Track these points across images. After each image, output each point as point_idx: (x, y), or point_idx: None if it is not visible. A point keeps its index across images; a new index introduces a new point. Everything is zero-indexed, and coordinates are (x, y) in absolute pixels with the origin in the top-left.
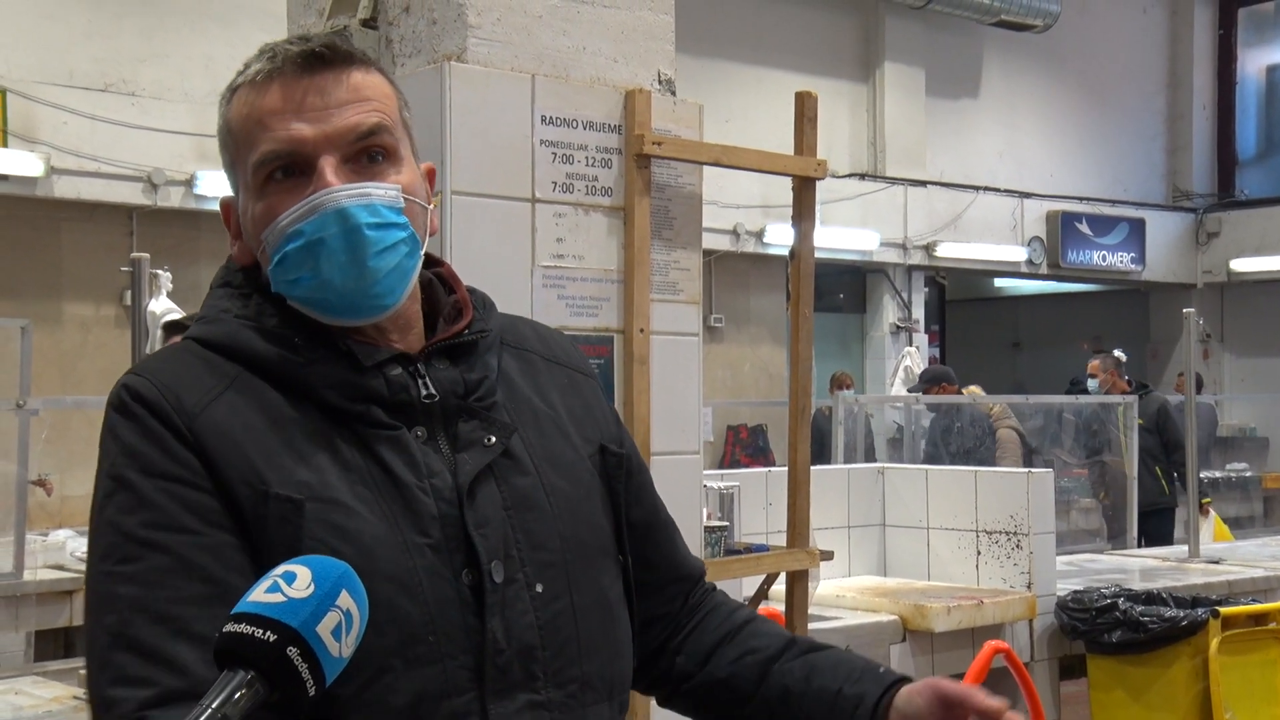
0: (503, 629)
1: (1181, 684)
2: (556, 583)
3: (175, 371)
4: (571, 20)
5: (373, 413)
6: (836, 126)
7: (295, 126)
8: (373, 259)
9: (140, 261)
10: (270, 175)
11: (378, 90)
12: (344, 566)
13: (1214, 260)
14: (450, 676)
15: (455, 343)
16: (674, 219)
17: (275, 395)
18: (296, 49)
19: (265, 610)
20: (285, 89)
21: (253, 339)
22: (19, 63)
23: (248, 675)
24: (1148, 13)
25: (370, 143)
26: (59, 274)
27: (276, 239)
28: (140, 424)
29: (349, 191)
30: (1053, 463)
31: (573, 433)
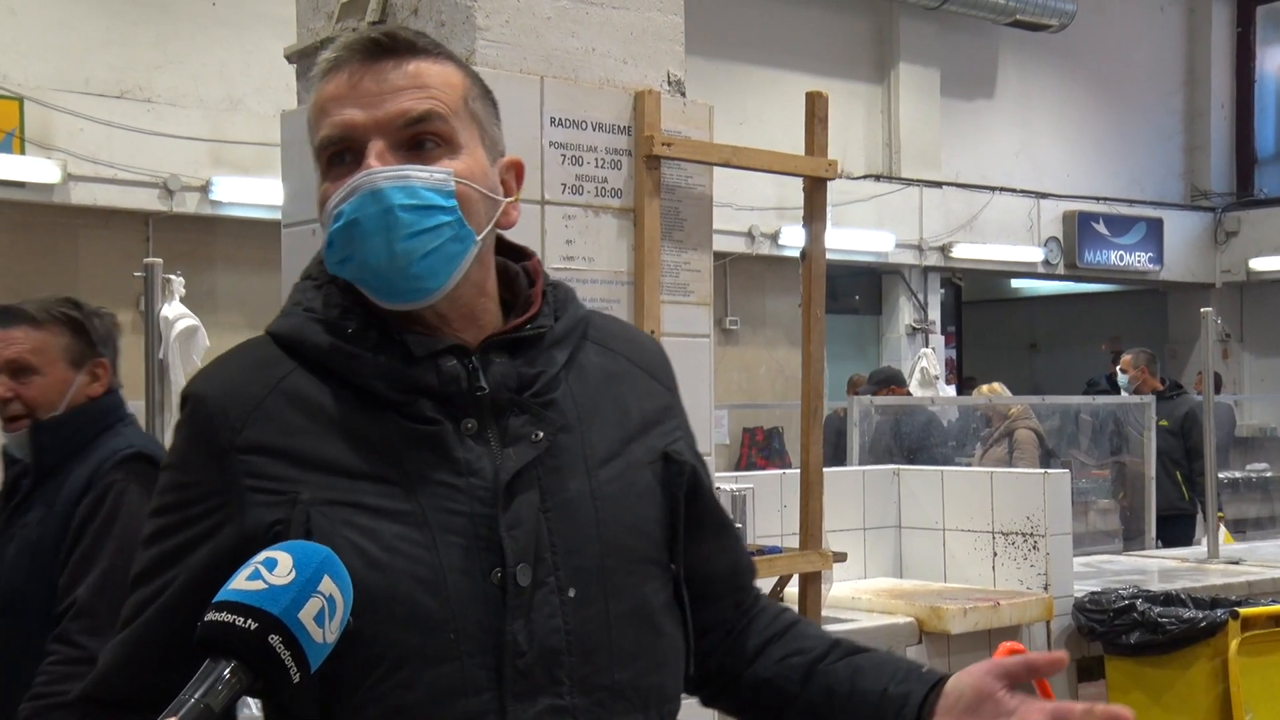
0: (525, 631)
1: (1201, 685)
2: (591, 588)
3: (229, 380)
4: (580, 22)
5: (418, 405)
6: (851, 128)
7: (349, 112)
8: (403, 240)
9: (153, 267)
10: (330, 160)
11: (439, 78)
12: (325, 551)
13: (1233, 260)
14: (469, 675)
15: (517, 336)
16: (684, 220)
17: (323, 390)
18: (359, 38)
19: (246, 598)
20: (348, 78)
21: (314, 331)
22: (36, 71)
23: (230, 664)
24: (1165, 11)
25: (421, 129)
26: (76, 280)
27: (326, 221)
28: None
29: (387, 174)
30: (1070, 464)
31: (638, 437)
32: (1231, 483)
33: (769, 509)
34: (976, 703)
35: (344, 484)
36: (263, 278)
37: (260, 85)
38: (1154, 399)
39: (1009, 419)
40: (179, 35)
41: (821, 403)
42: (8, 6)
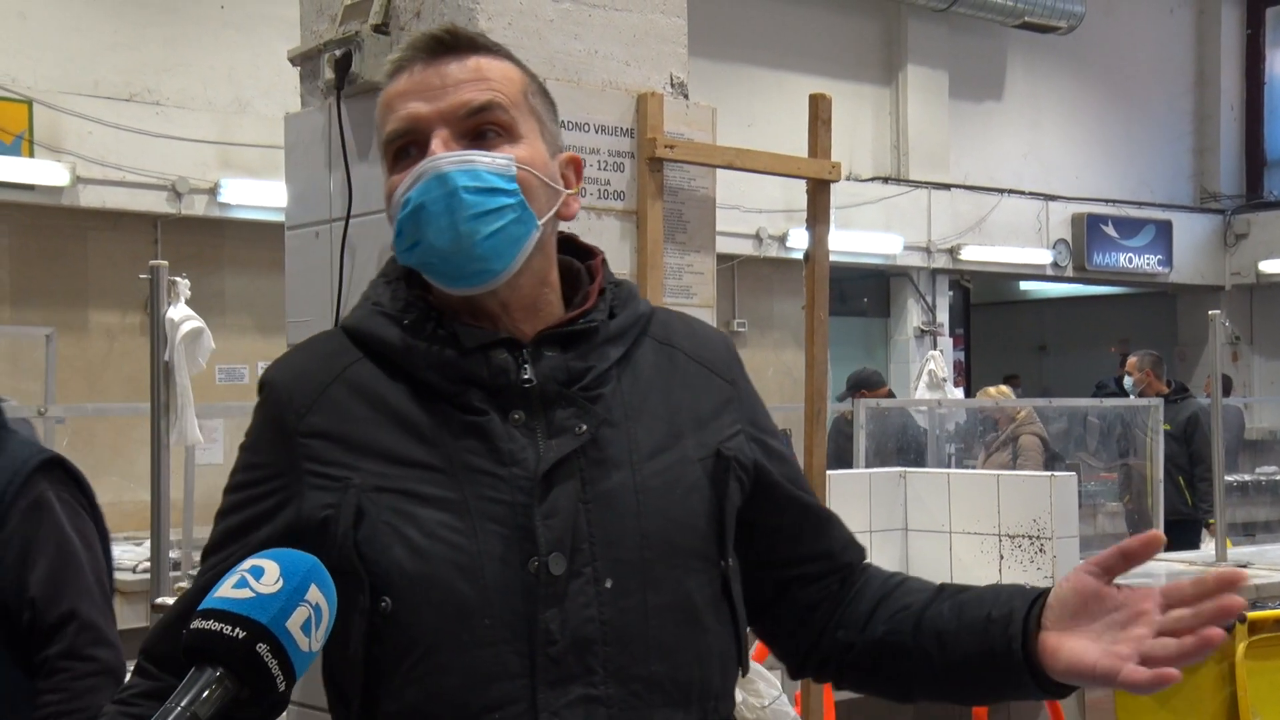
0: (559, 620)
1: (1208, 689)
2: (629, 580)
3: (297, 368)
4: (583, 24)
5: (468, 395)
6: (860, 130)
7: (413, 105)
8: (468, 221)
9: (158, 269)
10: (398, 154)
11: (499, 72)
12: (312, 560)
13: (1242, 262)
14: (502, 660)
15: (570, 330)
16: (687, 222)
17: (383, 380)
18: (424, 38)
19: (233, 606)
20: (411, 74)
21: (378, 324)
22: (44, 74)
23: (216, 672)
24: (1174, 13)
25: (483, 119)
26: (85, 283)
27: (394, 211)
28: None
29: (451, 158)
30: (1078, 466)
31: (690, 433)
32: (1241, 486)
33: None
34: (1080, 604)
35: (395, 471)
36: (271, 280)
37: (269, 88)
38: (1161, 402)
39: (1015, 423)
40: (187, 38)
41: (825, 405)
42: (17, 10)
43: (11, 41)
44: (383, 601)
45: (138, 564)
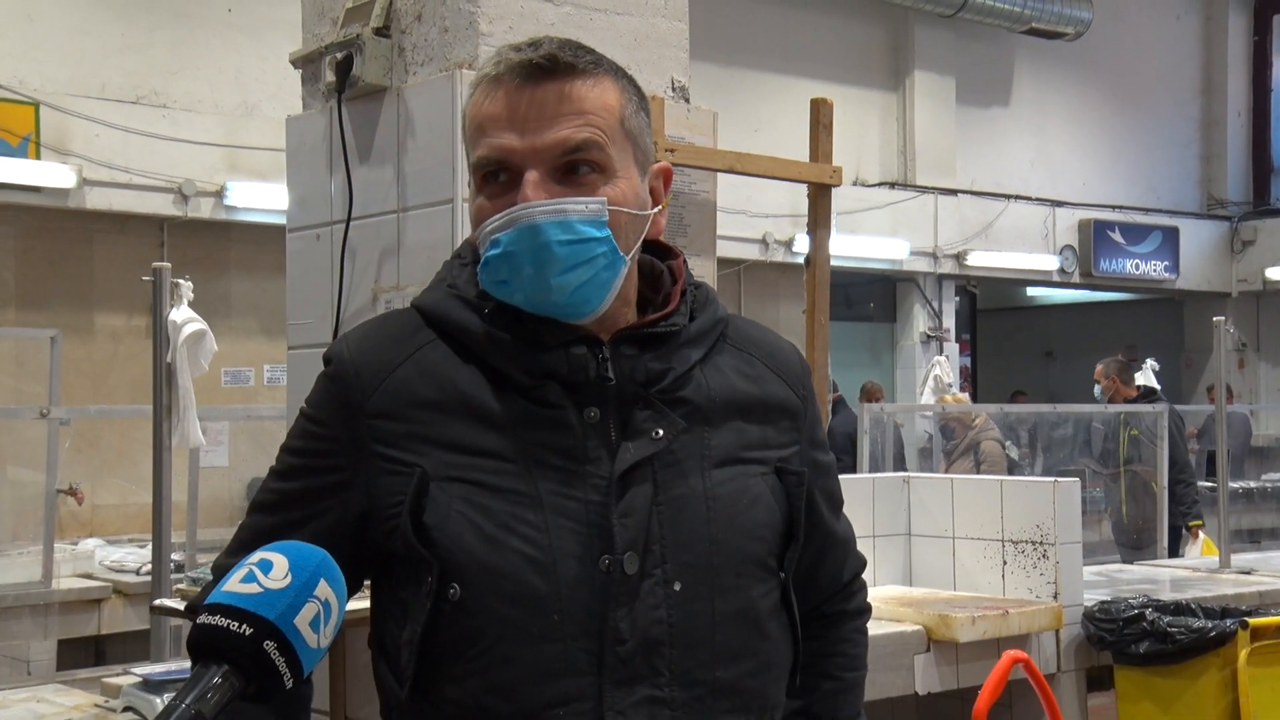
0: (629, 620)
1: (1211, 695)
2: (698, 584)
3: (367, 345)
4: (584, 28)
5: (547, 389)
6: (867, 135)
7: (506, 137)
8: (559, 275)
9: (162, 272)
10: (486, 177)
11: (598, 102)
12: (321, 554)
13: (1249, 269)
14: (570, 657)
15: (650, 332)
16: (688, 226)
17: (456, 365)
18: (519, 58)
19: (240, 602)
20: (507, 98)
21: (453, 307)
22: (52, 76)
23: (222, 669)
24: (1181, 19)
25: (577, 158)
26: (91, 285)
27: (483, 242)
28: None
29: (544, 208)
30: (1083, 472)
31: (760, 443)
32: (1246, 492)
33: None
34: None
35: (464, 460)
36: (276, 283)
37: (275, 91)
38: (1167, 408)
39: (975, 430)
40: (194, 41)
41: (826, 409)
42: (24, 12)
43: (19, 43)
44: (451, 588)
45: (141, 566)
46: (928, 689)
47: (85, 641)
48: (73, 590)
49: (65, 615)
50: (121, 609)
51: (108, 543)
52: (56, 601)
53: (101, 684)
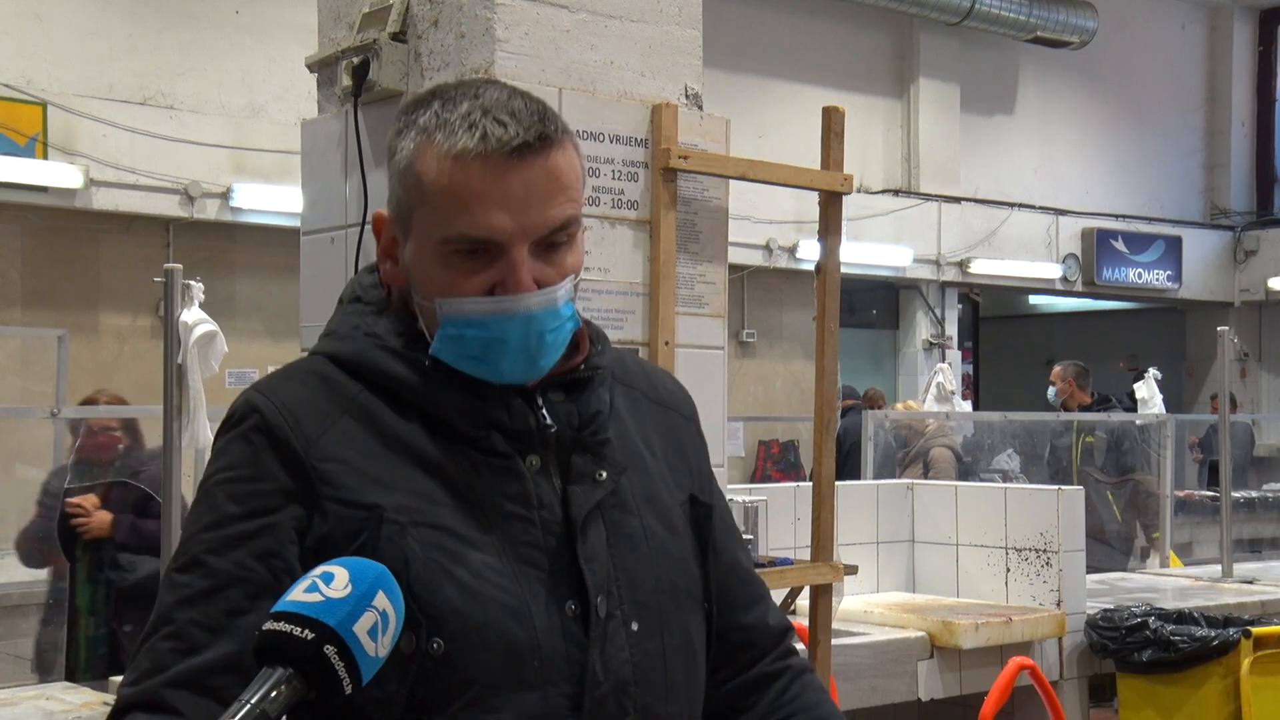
0: (601, 662)
1: (1213, 704)
2: (650, 622)
3: (298, 394)
4: (599, 34)
5: (493, 439)
6: (871, 142)
7: (496, 215)
8: (544, 358)
9: (173, 273)
10: (456, 249)
11: (572, 173)
12: (380, 568)
13: (1252, 279)
14: (550, 703)
15: (571, 378)
16: (700, 233)
17: (393, 418)
18: (507, 135)
19: (303, 609)
20: (492, 176)
21: (382, 359)
22: (59, 76)
23: (286, 672)
24: (1186, 29)
25: (559, 236)
26: (97, 285)
27: (454, 316)
28: (250, 449)
29: (539, 299)
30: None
31: (668, 477)
32: (1248, 502)
33: (783, 521)
34: None
35: (427, 508)
36: (282, 285)
37: (282, 93)
38: (1171, 418)
39: (925, 437)
40: (202, 42)
41: (835, 415)
42: (33, 12)
43: (27, 44)
44: (434, 643)
45: None
46: (930, 695)
47: None
48: None
49: None
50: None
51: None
52: None
53: (110, 683)
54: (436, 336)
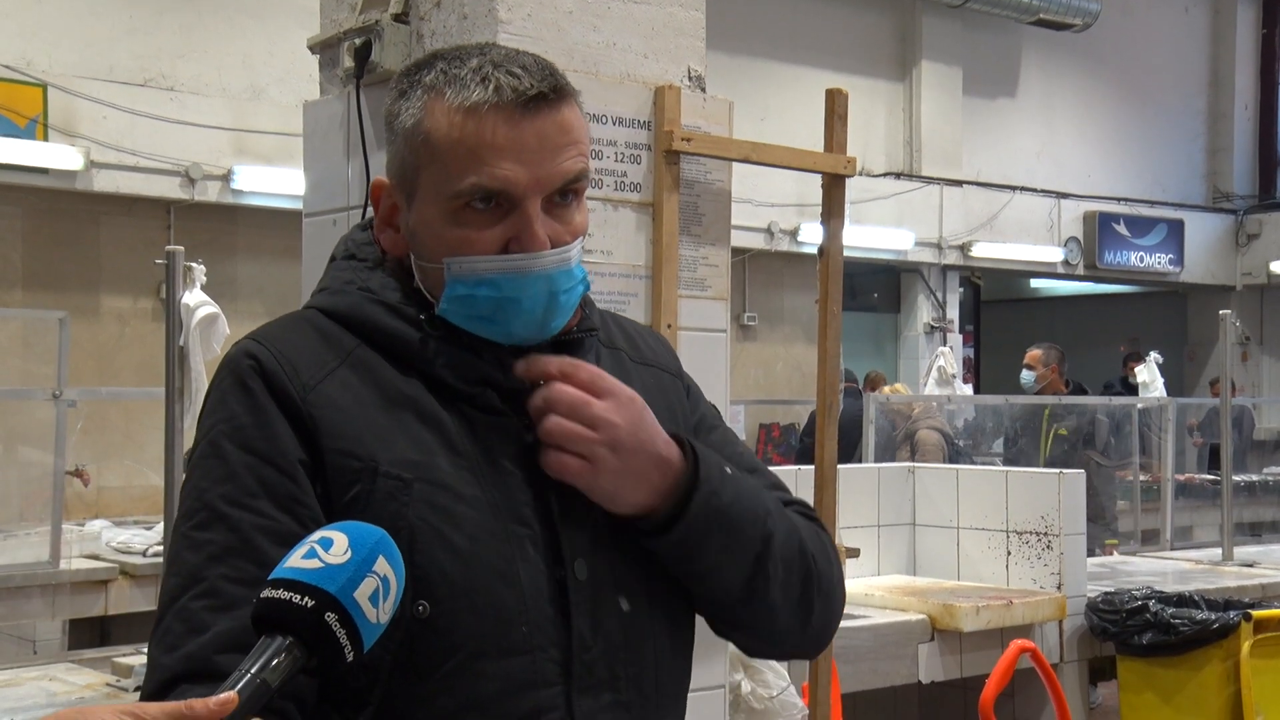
0: (590, 627)
1: (1212, 687)
2: (635, 585)
3: (295, 342)
4: (602, 16)
5: (487, 396)
6: (873, 125)
7: (511, 168)
8: (556, 319)
9: (175, 255)
10: (469, 203)
11: (580, 127)
12: (380, 532)
13: (1254, 262)
14: (539, 668)
15: (563, 339)
16: (703, 215)
17: (390, 371)
18: (521, 85)
19: (303, 576)
20: (507, 126)
21: (377, 312)
22: (60, 58)
23: (286, 641)
24: (1189, 12)
25: (571, 187)
26: (98, 267)
27: (464, 275)
28: (250, 396)
29: (555, 258)
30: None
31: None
32: (1248, 486)
33: None
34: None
35: (424, 461)
36: (283, 267)
37: (283, 75)
38: (1173, 402)
39: (911, 419)
40: (203, 24)
41: (837, 399)
42: None
43: (27, 25)
44: (419, 605)
45: (148, 548)
46: (931, 678)
47: (91, 622)
48: (80, 571)
49: (73, 595)
50: (128, 590)
51: (114, 524)
52: (64, 582)
53: (112, 664)
54: (444, 296)
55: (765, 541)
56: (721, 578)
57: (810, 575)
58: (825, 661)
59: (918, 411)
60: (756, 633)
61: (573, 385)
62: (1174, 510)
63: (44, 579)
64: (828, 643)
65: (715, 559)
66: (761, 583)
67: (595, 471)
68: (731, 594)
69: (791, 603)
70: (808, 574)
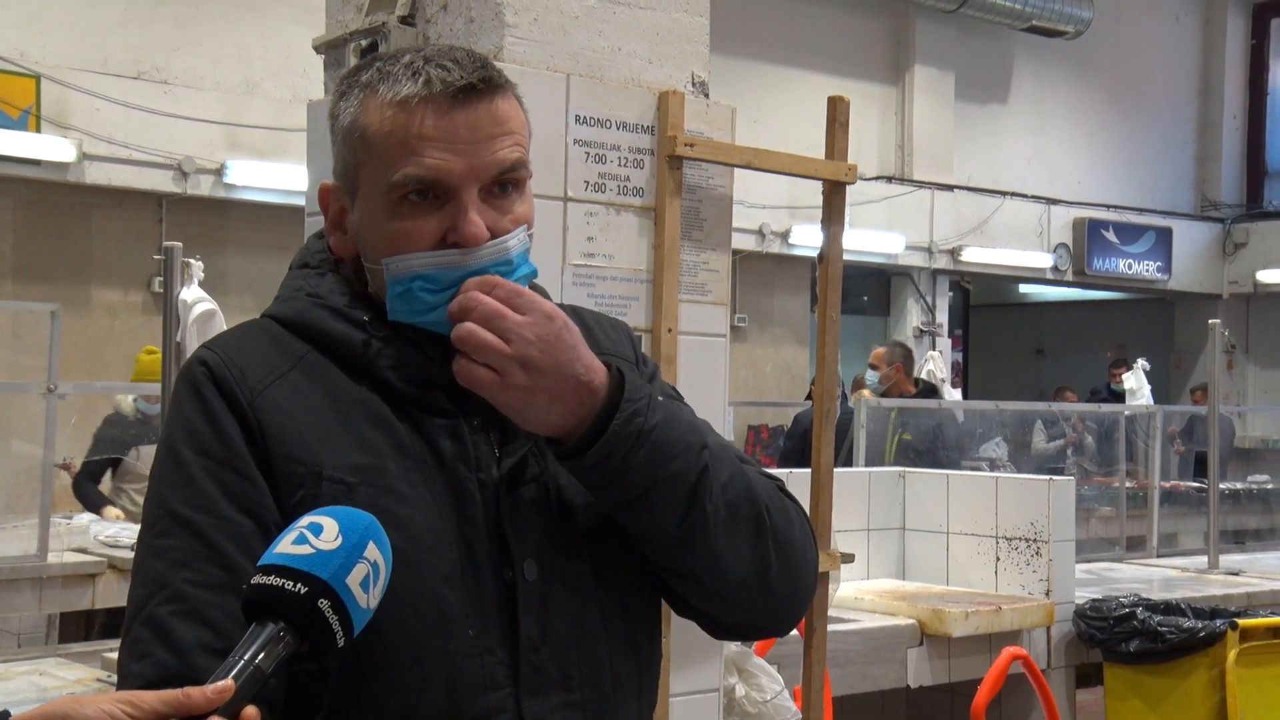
0: (538, 627)
1: (1198, 695)
2: (587, 582)
3: (245, 348)
4: (607, 21)
5: (435, 397)
6: (865, 129)
7: (444, 157)
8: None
9: (173, 250)
10: (406, 196)
11: (517, 119)
12: (369, 518)
13: (1240, 271)
14: (488, 670)
15: None
16: (704, 220)
17: (340, 375)
18: (450, 78)
19: (295, 562)
20: (438, 117)
21: (323, 317)
22: (54, 49)
23: (279, 627)
24: (1180, 21)
25: (508, 176)
26: (89, 260)
27: (403, 274)
28: (203, 402)
29: (491, 250)
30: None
31: None
32: (1232, 494)
33: None
34: None
35: (371, 464)
36: (275, 262)
37: (277, 69)
38: (1160, 410)
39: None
40: (197, 17)
41: (834, 404)
42: None
43: (21, 16)
44: None
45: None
46: (920, 682)
47: (78, 616)
48: (68, 565)
49: (60, 589)
50: (116, 584)
51: (101, 518)
52: (52, 576)
53: (102, 658)
54: (388, 297)
55: (700, 473)
56: (653, 513)
57: (761, 524)
58: (818, 665)
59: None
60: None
61: (493, 299)
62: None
63: (32, 572)
64: (796, 615)
65: (643, 487)
66: (699, 519)
67: (504, 386)
68: (667, 531)
69: (739, 551)
70: (758, 522)
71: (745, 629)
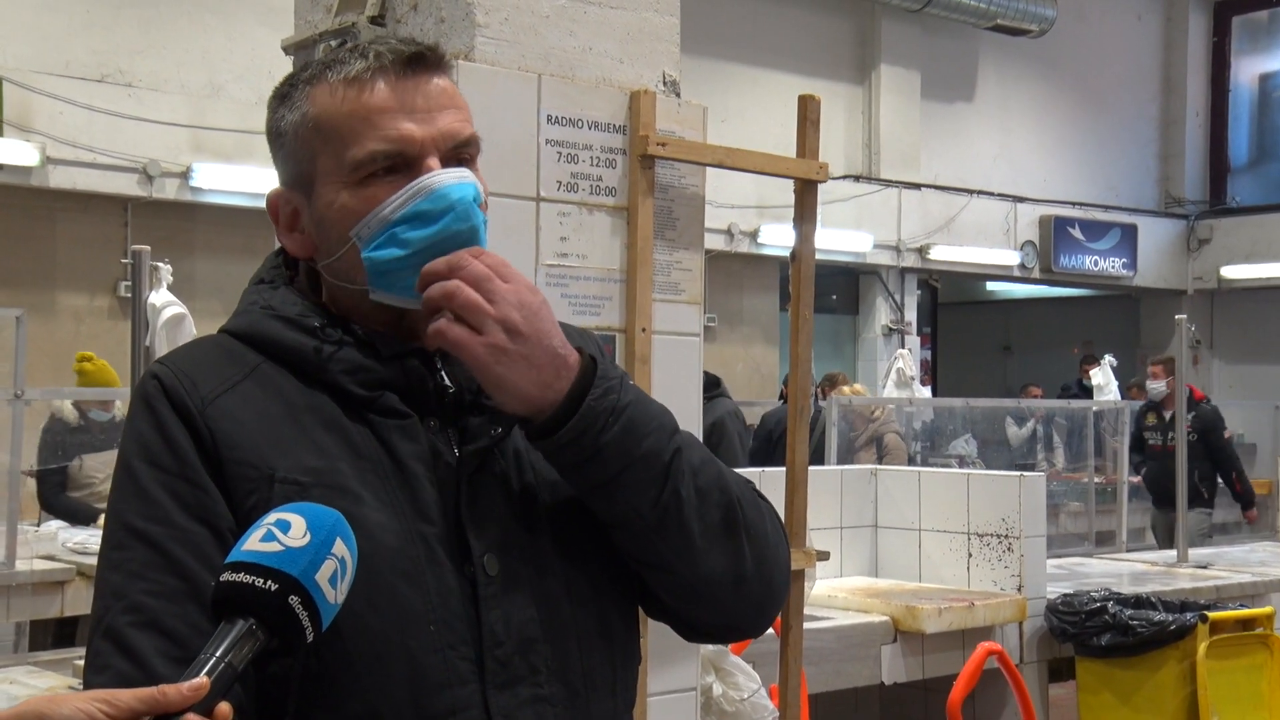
0: (502, 621)
1: (1169, 687)
2: (553, 575)
3: (197, 360)
4: (578, 21)
5: (387, 400)
6: (832, 128)
7: (405, 126)
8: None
9: (141, 254)
10: (373, 173)
11: (463, 100)
12: (336, 514)
13: (1205, 267)
14: (452, 666)
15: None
16: (677, 220)
17: (293, 383)
18: (397, 49)
19: (264, 559)
20: (393, 88)
21: (275, 327)
22: (16, 52)
23: (249, 624)
24: (1142, 20)
25: (464, 152)
26: (53, 264)
27: (377, 232)
28: (154, 414)
29: (453, 175)
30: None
31: None
32: None
33: None
34: None
35: (324, 467)
36: (243, 265)
37: (242, 72)
38: (1127, 405)
39: (878, 422)
40: (162, 20)
41: (809, 402)
42: None
43: None
44: None
45: None
46: (894, 679)
47: (47, 623)
48: (37, 572)
49: (29, 596)
50: (85, 591)
51: (70, 525)
52: (25, 583)
53: (73, 666)
54: (367, 270)
55: (673, 454)
56: (627, 495)
57: (734, 513)
58: (795, 664)
59: (881, 415)
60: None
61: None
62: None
63: (1, 580)
64: (770, 613)
65: (617, 466)
66: (673, 501)
67: (484, 345)
68: (641, 514)
69: (713, 539)
70: (730, 509)
71: (720, 629)
